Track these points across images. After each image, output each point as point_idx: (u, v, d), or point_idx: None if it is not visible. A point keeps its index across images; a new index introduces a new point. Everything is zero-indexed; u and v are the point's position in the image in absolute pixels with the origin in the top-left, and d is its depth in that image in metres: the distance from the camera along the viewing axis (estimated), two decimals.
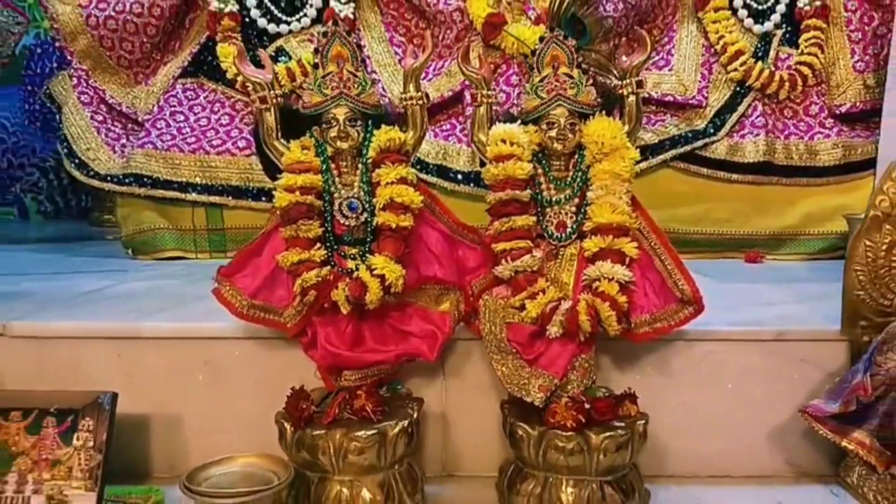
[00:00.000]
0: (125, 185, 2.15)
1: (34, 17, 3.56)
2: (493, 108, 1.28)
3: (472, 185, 2.10)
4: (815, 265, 2.15)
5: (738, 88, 2.25)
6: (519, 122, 1.23)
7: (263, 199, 2.14)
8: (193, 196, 2.15)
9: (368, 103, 1.19)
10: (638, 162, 2.10)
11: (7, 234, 3.12)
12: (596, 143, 1.18)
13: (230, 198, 2.16)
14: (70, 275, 1.92)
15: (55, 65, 3.61)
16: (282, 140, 1.19)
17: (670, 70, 2.30)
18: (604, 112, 1.21)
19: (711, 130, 2.22)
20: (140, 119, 2.29)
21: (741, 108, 2.23)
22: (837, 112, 2.26)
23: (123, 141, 2.29)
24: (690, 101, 2.24)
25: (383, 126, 1.20)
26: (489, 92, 1.25)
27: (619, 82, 1.21)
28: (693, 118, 2.25)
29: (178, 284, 1.74)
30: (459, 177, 2.13)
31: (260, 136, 1.18)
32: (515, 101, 2.15)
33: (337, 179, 1.18)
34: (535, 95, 1.20)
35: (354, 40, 1.26)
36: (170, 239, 2.19)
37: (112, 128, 2.31)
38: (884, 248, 1.24)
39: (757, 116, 2.22)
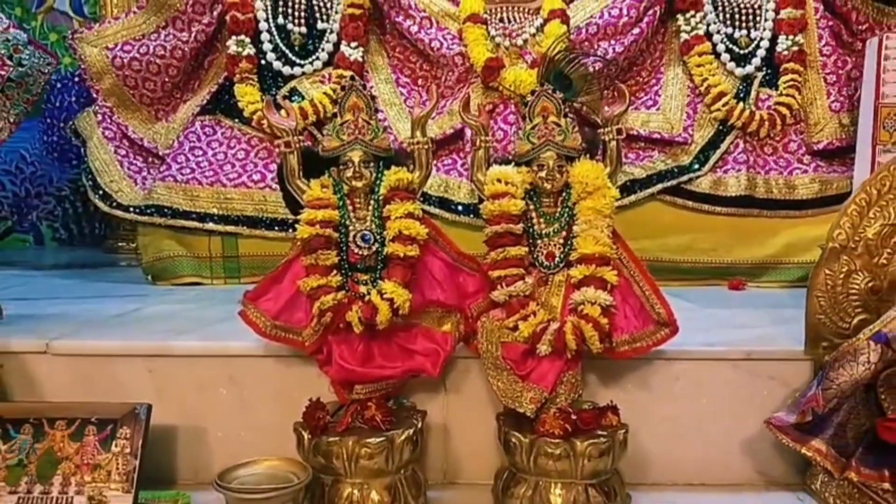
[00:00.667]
0: (147, 215, 2.29)
1: (55, 55, 3.74)
2: (490, 150, 1.43)
3: (471, 216, 2.23)
4: (794, 292, 2.27)
5: (721, 127, 2.41)
6: (513, 163, 1.38)
7: (276, 228, 2.29)
8: (211, 226, 2.29)
9: (380, 147, 1.35)
10: (628, 195, 2.29)
11: (25, 260, 3.26)
12: (581, 183, 1.33)
13: (245, 227, 2.30)
14: (96, 299, 2.05)
15: (74, 98, 3.78)
16: (303, 179, 1.33)
17: (658, 109, 2.46)
18: (588, 155, 1.36)
19: (696, 166, 2.37)
20: (160, 153, 2.44)
21: (724, 146, 2.39)
22: (815, 148, 2.42)
23: (144, 174, 2.44)
24: (676, 139, 2.40)
25: (393, 167, 1.35)
26: (487, 137, 1.40)
27: (602, 129, 1.37)
28: (679, 154, 2.40)
29: (199, 308, 1.88)
30: (460, 208, 2.27)
31: (284, 176, 1.32)
32: (512, 139, 2.31)
33: (352, 214, 1.32)
34: (528, 141, 1.35)
35: (361, 83, 1.41)
36: (187, 266, 2.33)
37: (134, 161, 2.46)
38: (841, 276, 1.38)
39: (739, 153, 2.37)
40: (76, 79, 3.82)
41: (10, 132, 2.47)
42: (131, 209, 2.32)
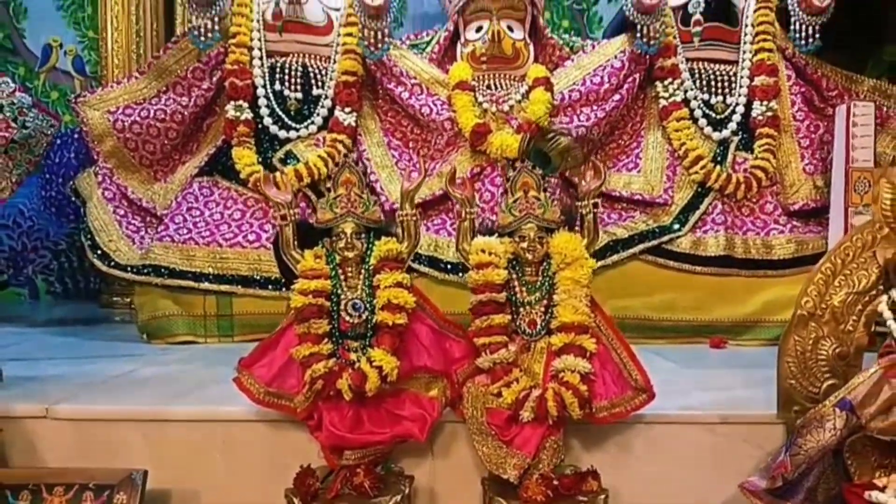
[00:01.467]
0: (143, 274, 2.35)
1: (56, 112, 3.84)
2: (476, 219, 1.51)
3: (460, 274, 2.29)
4: (775, 350, 2.34)
5: (699, 189, 2.51)
6: (496, 234, 1.45)
7: (269, 287, 2.34)
8: (206, 285, 2.35)
9: (371, 219, 1.42)
10: (611, 254, 2.36)
11: (19, 314, 3.30)
12: (560, 254, 1.40)
13: (239, 286, 2.36)
14: (93, 359, 2.09)
15: (73, 155, 3.85)
16: (297, 250, 1.40)
17: (639, 172, 2.56)
18: (567, 227, 1.44)
19: (677, 226, 2.46)
20: (158, 213, 2.51)
21: (703, 207, 2.48)
22: (791, 209, 2.52)
23: (142, 233, 2.51)
24: (657, 200, 2.49)
25: (383, 237, 1.42)
26: (472, 209, 1.47)
27: (580, 202, 1.45)
28: (660, 215, 2.49)
29: (195, 369, 1.93)
30: (449, 267, 2.34)
31: (279, 247, 1.39)
32: (499, 200, 2.39)
33: (343, 283, 1.39)
34: (510, 213, 1.43)
35: (354, 159, 1.50)
36: (182, 325, 2.37)
37: (132, 221, 2.52)
38: (810, 342, 1.45)
39: (717, 214, 2.47)
40: (76, 136, 3.91)
41: (12, 191, 2.56)
42: (129, 269, 2.38)
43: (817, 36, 2.49)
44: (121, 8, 3.42)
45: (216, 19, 2.41)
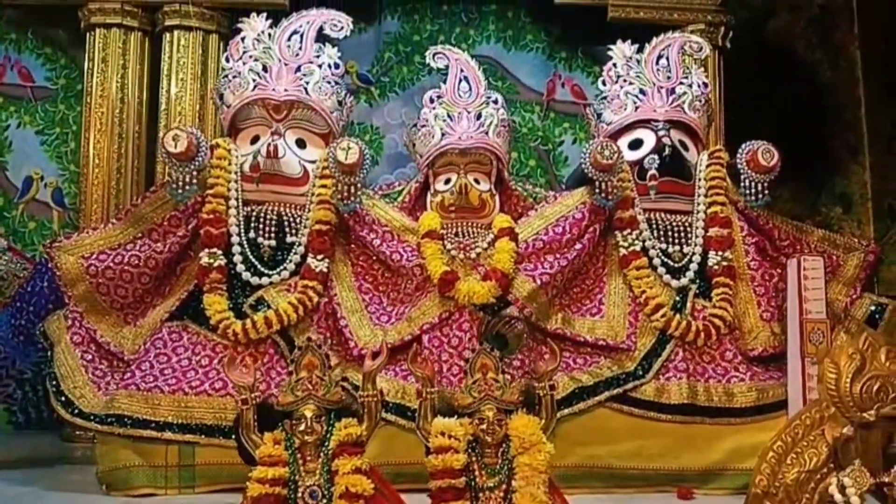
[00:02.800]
0: (106, 424, 2.32)
1: (32, 242, 3.87)
2: (436, 396, 1.54)
3: None
4: (741, 499, 2.34)
5: (661, 335, 2.58)
6: (456, 415, 1.48)
7: (233, 436, 2.32)
8: (169, 435, 2.32)
9: (332, 401, 1.45)
10: (577, 402, 2.38)
11: None
12: (518, 438, 1.43)
13: (203, 436, 2.33)
14: None
15: (46, 284, 3.87)
16: (257, 433, 1.42)
17: (602, 317, 2.63)
18: (525, 409, 1.48)
19: (640, 372, 2.51)
20: (126, 358, 2.51)
21: (665, 354, 2.55)
22: (751, 355, 2.59)
23: (108, 378, 2.50)
24: (620, 346, 2.56)
25: (343, 419, 1.44)
26: (433, 389, 1.51)
27: (537, 385, 1.50)
28: (624, 360, 2.55)
29: None
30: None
31: (239, 429, 1.41)
32: (468, 346, 2.44)
33: (302, 468, 1.40)
34: (469, 395, 1.47)
35: (317, 343, 1.54)
36: (142, 476, 2.32)
37: (99, 366, 2.52)
38: None
39: (679, 361, 2.53)
40: (49, 265, 3.95)
41: None
42: (91, 417, 2.35)
43: (766, 192, 2.65)
44: (104, 146, 3.55)
45: (194, 172, 2.51)
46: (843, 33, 4.02)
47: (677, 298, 2.64)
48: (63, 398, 2.41)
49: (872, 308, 2.69)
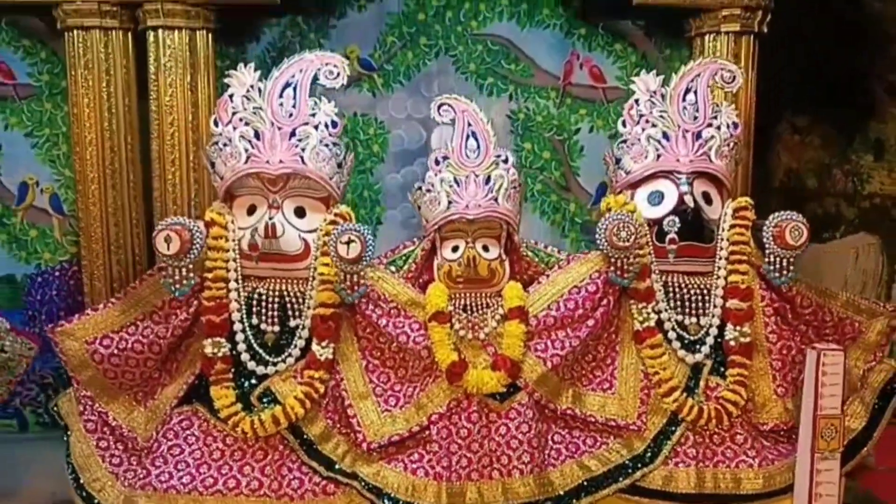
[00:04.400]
0: None
1: (35, 250, 3.83)
2: None
3: None
4: None
5: (672, 415, 2.56)
6: None
7: None
8: None
9: None
10: (585, 495, 2.41)
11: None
12: None
13: None
14: None
15: (55, 292, 3.90)
16: None
17: (613, 393, 2.61)
18: None
19: (649, 456, 2.53)
20: (140, 445, 2.54)
21: (675, 437, 2.55)
22: (762, 429, 2.59)
23: (125, 465, 2.54)
24: (631, 427, 2.55)
25: None
26: None
27: None
28: (634, 441, 2.56)
29: None
30: None
31: None
32: (476, 438, 2.46)
33: None
34: None
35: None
36: None
37: (115, 452, 2.56)
38: None
39: (689, 447, 2.53)
40: (57, 273, 3.94)
41: None
42: None
43: (791, 268, 2.51)
44: (96, 158, 3.42)
45: (190, 266, 2.41)
46: None
47: (691, 376, 2.59)
48: (84, 492, 2.47)
49: (891, 375, 2.64)
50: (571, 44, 3.70)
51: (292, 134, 2.49)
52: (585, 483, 2.45)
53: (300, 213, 2.54)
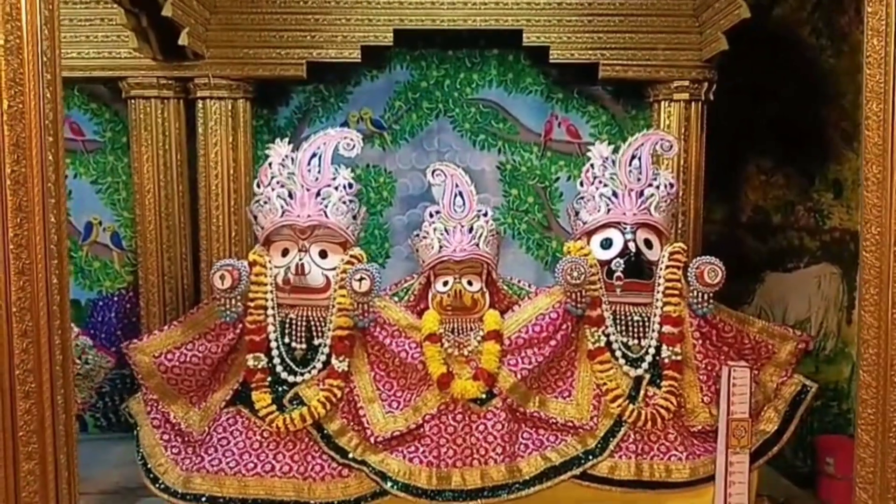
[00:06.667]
0: (185, 500, 3.06)
1: (98, 279, 4.53)
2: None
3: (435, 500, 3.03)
4: None
5: (617, 419, 3.20)
6: None
7: None
8: None
9: None
10: (546, 480, 3.04)
11: None
12: None
13: None
14: None
15: (114, 315, 4.59)
16: None
17: (571, 399, 3.25)
18: None
19: (598, 450, 3.16)
20: (195, 438, 3.21)
21: (619, 435, 3.17)
22: (692, 430, 3.21)
23: (183, 455, 3.20)
24: (585, 427, 3.18)
25: None
26: None
27: None
28: (587, 438, 3.19)
29: None
30: (422, 493, 3.05)
31: None
32: (461, 433, 3.10)
33: None
34: None
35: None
36: None
37: (175, 444, 3.22)
38: None
39: (630, 443, 3.15)
40: (115, 299, 4.64)
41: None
42: (174, 493, 3.08)
43: (710, 303, 3.17)
44: (153, 205, 4.12)
45: (238, 297, 3.09)
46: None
47: (633, 387, 3.23)
48: (151, 475, 3.13)
49: (799, 388, 3.27)
50: (551, 106, 4.43)
51: (318, 194, 3.19)
52: (547, 471, 3.08)
53: (323, 254, 3.22)
